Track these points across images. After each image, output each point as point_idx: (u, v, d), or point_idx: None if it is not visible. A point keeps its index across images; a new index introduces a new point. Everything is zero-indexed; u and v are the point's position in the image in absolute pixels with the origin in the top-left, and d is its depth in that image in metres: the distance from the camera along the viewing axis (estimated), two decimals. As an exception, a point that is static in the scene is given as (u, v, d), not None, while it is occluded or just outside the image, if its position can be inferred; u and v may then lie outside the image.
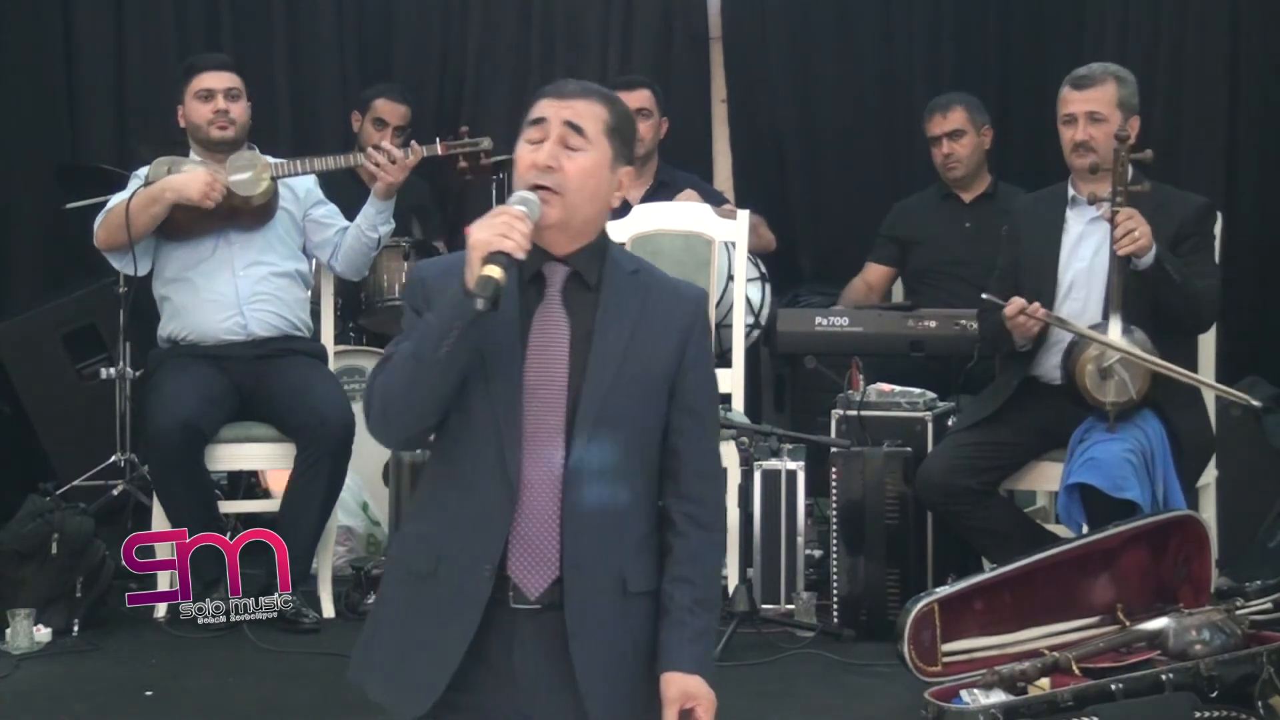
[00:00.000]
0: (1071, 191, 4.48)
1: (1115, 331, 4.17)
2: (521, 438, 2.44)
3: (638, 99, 5.49)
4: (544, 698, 2.47)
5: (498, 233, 2.37)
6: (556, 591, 2.46)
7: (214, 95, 4.86)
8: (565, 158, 2.47)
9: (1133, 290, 4.19)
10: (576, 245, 2.52)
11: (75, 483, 5.37)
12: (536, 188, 2.46)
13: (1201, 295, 4.27)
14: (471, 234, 2.41)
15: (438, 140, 5.00)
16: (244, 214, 4.84)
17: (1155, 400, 4.20)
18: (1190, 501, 4.35)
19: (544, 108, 2.52)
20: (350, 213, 5.00)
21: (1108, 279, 4.22)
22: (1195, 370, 4.44)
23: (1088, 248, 4.39)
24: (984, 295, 4.46)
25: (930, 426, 4.67)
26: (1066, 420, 4.26)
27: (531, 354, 2.47)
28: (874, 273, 5.61)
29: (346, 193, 5.16)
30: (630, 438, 2.48)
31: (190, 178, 4.75)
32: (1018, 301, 4.28)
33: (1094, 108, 4.38)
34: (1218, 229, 4.52)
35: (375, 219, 4.92)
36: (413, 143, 4.96)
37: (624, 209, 5.23)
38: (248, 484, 5.52)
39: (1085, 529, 4.08)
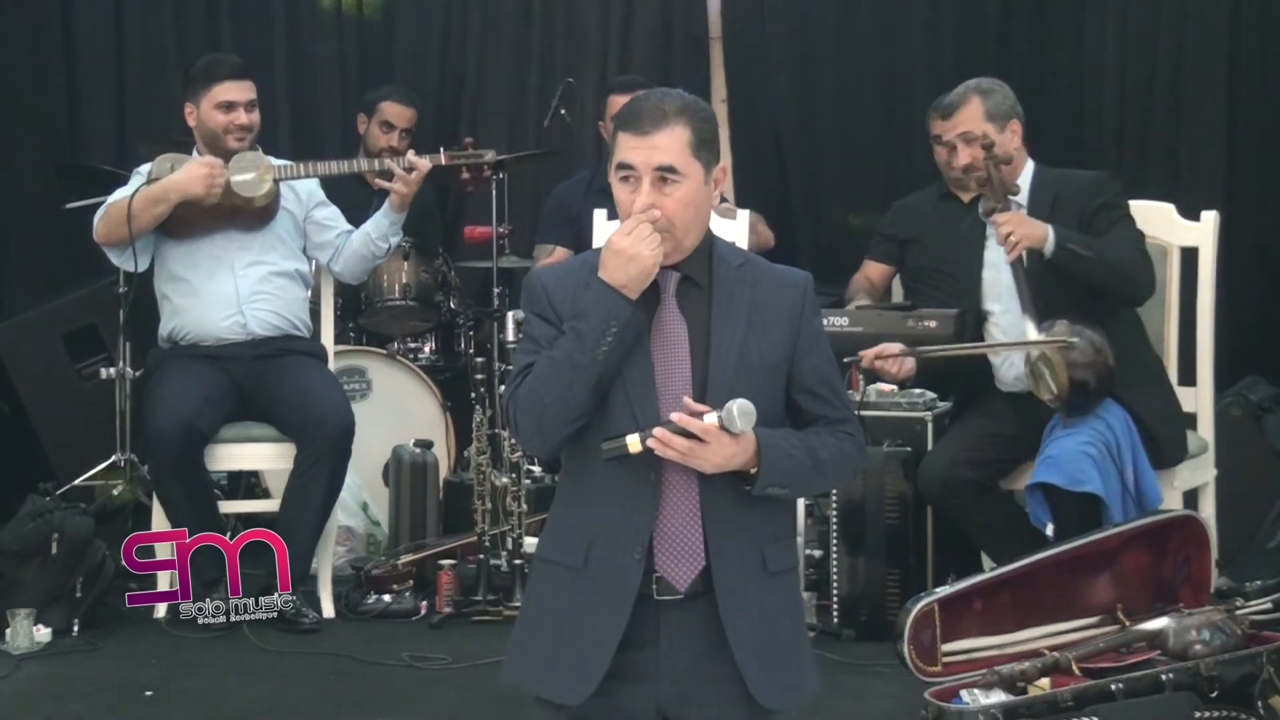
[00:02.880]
0: (966, 197, 4.49)
1: (1032, 333, 4.17)
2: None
3: None
4: (690, 688, 2.55)
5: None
6: (699, 581, 2.55)
7: (236, 107, 4.83)
8: (662, 196, 2.55)
9: (1053, 282, 4.19)
10: (685, 254, 2.61)
11: (75, 483, 5.37)
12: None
13: (1126, 261, 4.24)
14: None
15: (441, 150, 5.00)
16: (245, 214, 4.84)
17: (1107, 391, 4.18)
18: (1188, 500, 4.35)
19: (628, 150, 2.57)
20: (352, 215, 4.99)
21: (1015, 284, 4.23)
22: (1195, 369, 4.45)
23: (999, 258, 4.37)
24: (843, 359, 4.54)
25: (930, 426, 4.66)
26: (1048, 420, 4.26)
27: (655, 357, 2.57)
28: (874, 269, 5.59)
29: (350, 195, 5.16)
30: (757, 425, 2.55)
31: (191, 176, 4.73)
32: (867, 355, 4.34)
33: (965, 129, 4.41)
34: (1214, 226, 4.51)
35: (387, 230, 4.92)
36: (410, 153, 4.95)
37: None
38: (248, 484, 5.52)
39: (1050, 528, 4.08)
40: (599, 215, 5.04)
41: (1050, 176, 4.38)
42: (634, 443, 2.49)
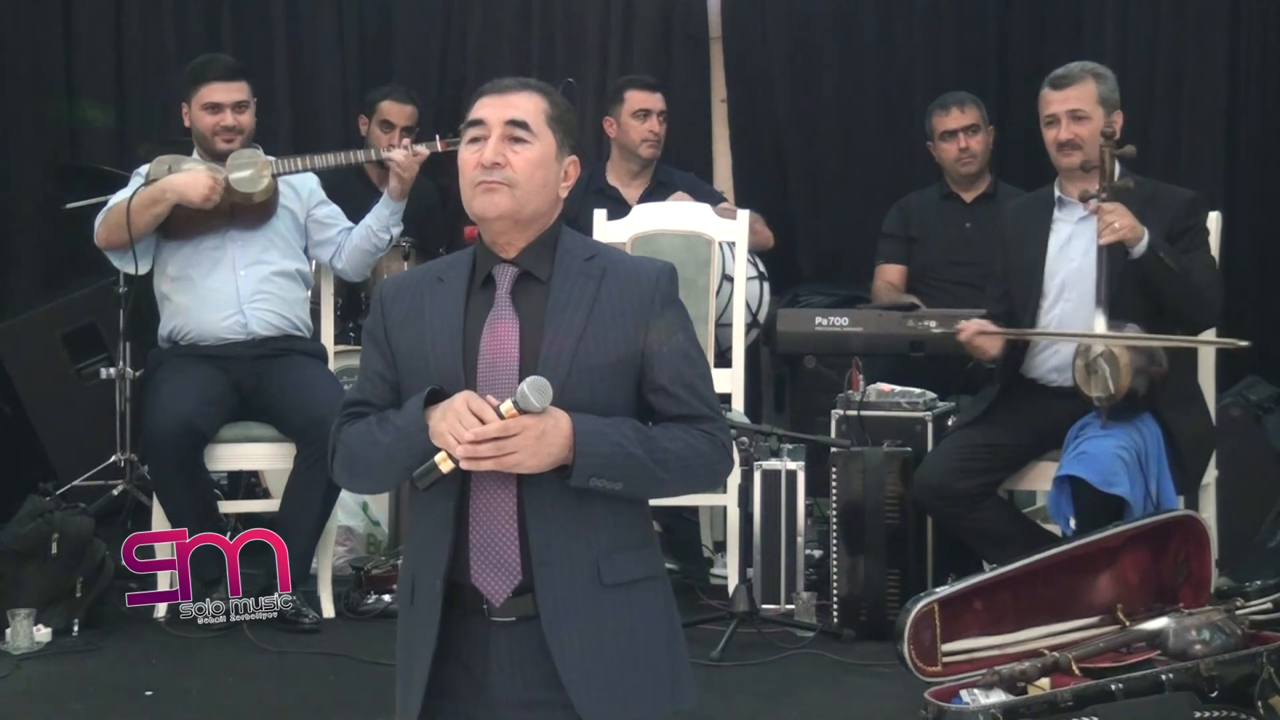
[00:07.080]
0: (1058, 193, 4.48)
1: (1100, 326, 4.17)
2: None
3: (660, 100, 5.56)
4: (517, 712, 2.46)
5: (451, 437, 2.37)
6: (528, 600, 2.43)
7: (222, 109, 4.83)
8: (511, 152, 2.47)
9: (1130, 285, 4.19)
10: (525, 241, 2.51)
11: (75, 483, 5.37)
12: (486, 185, 2.46)
13: (1205, 285, 4.27)
14: (434, 424, 2.40)
15: (436, 137, 5.00)
16: (245, 212, 4.84)
17: (1153, 401, 4.20)
18: (1190, 501, 4.35)
19: (482, 107, 2.51)
20: (356, 214, 4.99)
21: (1097, 275, 4.22)
22: (1195, 368, 4.44)
23: (1077, 248, 4.39)
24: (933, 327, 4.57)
25: (930, 426, 4.67)
26: (1064, 421, 4.26)
27: (483, 359, 2.46)
28: (891, 272, 5.58)
29: (353, 194, 5.14)
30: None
31: (191, 180, 4.74)
32: (969, 326, 4.35)
33: (1075, 106, 4.40)
34: (1215, 226, 4.52)
35: (388, 220, 4.92)
36: (405, 141, 4.95)
37: (623, 210, 5.23)
38: (248, 484, 5.52)
39: (1073, 523, 4.08)
40: (599, 215, 5.05)
41: (1138, 182, 4.34)
42: (442, 459, 2.37)
